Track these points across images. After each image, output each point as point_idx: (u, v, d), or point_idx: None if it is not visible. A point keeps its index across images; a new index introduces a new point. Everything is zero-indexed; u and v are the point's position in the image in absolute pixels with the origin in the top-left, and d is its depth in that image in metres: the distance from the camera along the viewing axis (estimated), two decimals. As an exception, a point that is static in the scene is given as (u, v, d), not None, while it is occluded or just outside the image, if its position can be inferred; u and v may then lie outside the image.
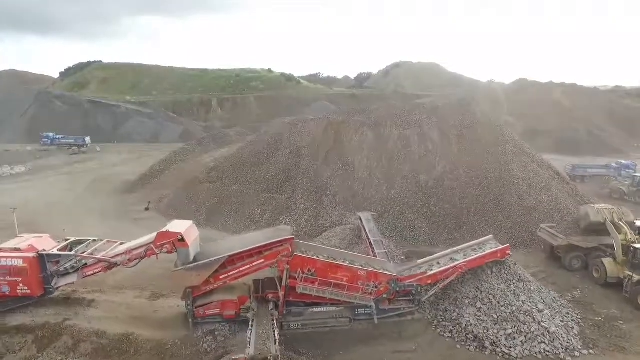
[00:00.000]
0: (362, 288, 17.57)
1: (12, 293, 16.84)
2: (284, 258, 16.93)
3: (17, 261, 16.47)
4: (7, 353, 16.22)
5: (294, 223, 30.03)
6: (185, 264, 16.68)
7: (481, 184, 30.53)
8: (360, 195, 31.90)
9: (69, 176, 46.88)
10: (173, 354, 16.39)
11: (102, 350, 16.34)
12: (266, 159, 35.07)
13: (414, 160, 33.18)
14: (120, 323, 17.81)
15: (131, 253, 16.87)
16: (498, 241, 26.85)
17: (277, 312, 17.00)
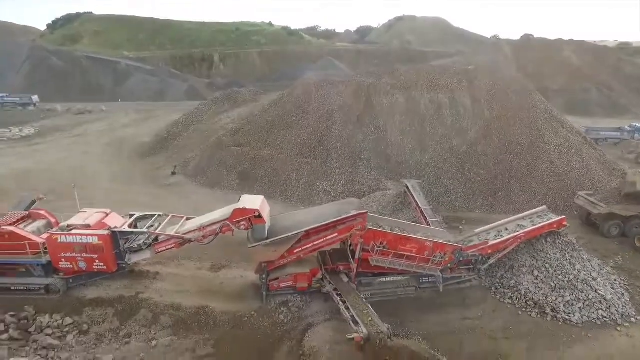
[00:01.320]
0: (430, 259, 18.10)
1: (88, 269, 16.93)
2: (358, 232, 17.16)
3: (92, 238, 16.39)
4: (92, 324, 16.59)
5: (330, 188, 30.18)
6: (260, 239, 16.79)
7: (514, 150, 30.73)
8: (394, 160, 31.94)
9: (81, 138, 45.54)
10: (251, 325, 16.95)
11: (181, 322, 16.80)
12: (296, 123, 34.41)
13: (446, 124, 33.03)
14: (192, 296, 18.20)
15: (205, 229, 16.87)
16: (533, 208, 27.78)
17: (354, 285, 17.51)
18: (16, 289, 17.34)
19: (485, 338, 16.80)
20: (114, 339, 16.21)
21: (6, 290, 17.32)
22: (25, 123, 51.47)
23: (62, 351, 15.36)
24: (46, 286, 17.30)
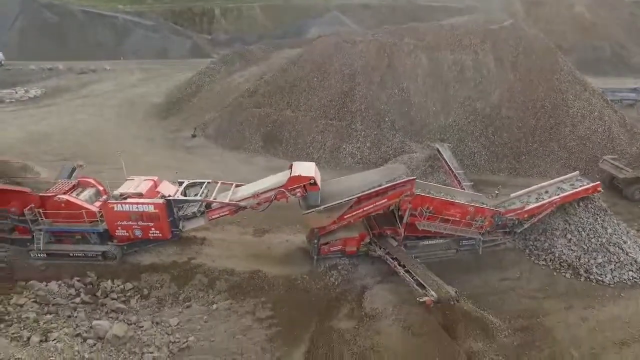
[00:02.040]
0: (471, 223, 18.78)
1: (144, 236, 17.33)
2: (407, 197, 17.64)
3: (148, 207, 16.65)
4: (151, 289, 17.25)
5: (356, 151, 30.40)
6: (313, 206, 17.20)
7: (537, 113, 30.86)
8: (418, 122, 32.03)
9: (90, 99, 44.30)
10: (304, 288, 17.79)
11: (237, 287, 17.54)
12: (318, 84, 33.85)
13: (469, 86, 32.82)
14: (243, 261, 18.85)
15: (260, 196, 17.16)
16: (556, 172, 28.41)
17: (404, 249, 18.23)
18: (74, 255, 17.79)
19: (525, 297, 17.88)
20: (175, 302, 16.95)
21: (65, 257, 17.76)
22: (27, 83, 49.74)
23: (129, 314, 16.09)
24: (103, 253, 17.77)
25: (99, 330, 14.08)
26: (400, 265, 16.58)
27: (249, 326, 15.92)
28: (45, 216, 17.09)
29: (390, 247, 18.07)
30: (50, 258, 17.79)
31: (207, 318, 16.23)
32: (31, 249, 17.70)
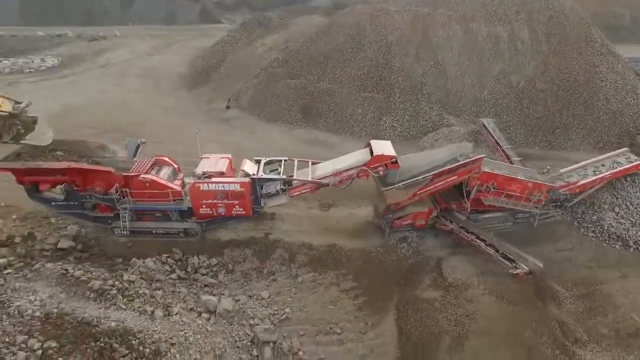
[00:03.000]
0: (529, 197, 19.82)
1: (227, 214, 17.94)
2: (476, 174, 18.49)
3: (234, 186, 17.17)
4: (235, 264, 18.11)
5: (396, 123, 30.87)
6: (391, 183, 17.97)
7: (571, 86, 31.40)
8: (454, 95, 32.42)
9: (110, 69, 43.18)
10: (379, 260, 18.85)
11: (316, 260, 18.49)
12: (352, 55, 33.68)
13: (503, 59, 33.04)
14: (317, 235, 19.73)
15: (342, 174, 17.79)
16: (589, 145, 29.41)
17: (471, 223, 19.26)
18: (157, 233, 18.42)
19: (581, 267, 19.27)
20: (259, 276, 17.89)
21: (148, 234, 18.39)
22: (37, 51, 48.09)
23: (220, 288, 16.99)
24: (185, 230, 18.42)
25: (209, 304, 14.96)
26: (480, 239, 17.62)
27: (337, 297, 17.00)
28: (130, 195, 17.52)
29: (462, 222, 19.06)
30: (133, 235, 18.40)
31: (295, 290, 17.24)
32: (115, 227, 18.27)
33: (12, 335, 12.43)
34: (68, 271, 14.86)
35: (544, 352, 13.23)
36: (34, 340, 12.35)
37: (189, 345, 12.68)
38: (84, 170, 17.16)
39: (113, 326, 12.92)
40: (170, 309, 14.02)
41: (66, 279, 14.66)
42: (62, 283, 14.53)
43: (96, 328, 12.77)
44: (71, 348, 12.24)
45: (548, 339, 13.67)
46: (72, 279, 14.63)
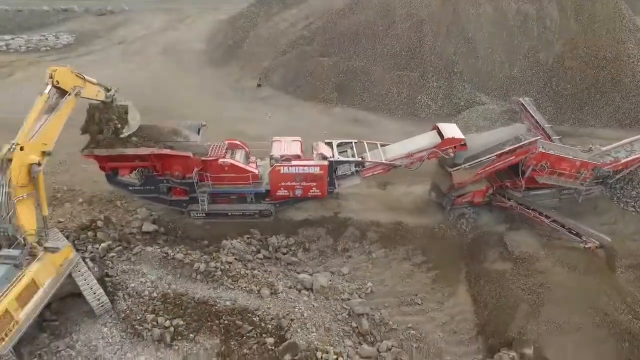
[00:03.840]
0: (576, 175, 21.03)
1: (303, 195, 18.73)
2: (532, 154, 19.54)
3: (314, 169, 17.90)
4: (310, 242, 19.09)
5: (431, 101, 31.52)
6: (458, 164, 18.92)
7: (599, 63, 32.22)
8: (484, 73, 33.03)
9: (129, 46, 42.23)
10: (442, 235, 20.06)
11: (385, 237, 19.60)
12: (383, 32, 33.78)
13: (532, 37, 33.54)
14: (381, 212, 20.77)
15: (413, 156, 18.63)
16: (617, 122, 30.57)
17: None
18: (232, 214, 19.16)
19: (627, 240, 20.69)
20: (335, 254, 18.93)
21: (223, 216, 19.13)
22: (45, 27, 46.72)
23: (301, 266, 18.00)
24: (260, 211, 19.20)
25: (305, 282, 15.99)
26: (545, 216, 18.86)
27: (411, 271, 18.22)
28: (209, 179, 18.10)
29: (520, 199, 20.23)
30: (208, 217, 19.13)
31: (370, 266, 18.37)
32: (191, 210, 18.94)
33: (141, 314, 13.32)
34: (168, 254, 15.62)
35: (617, 317, 14.66)
36: (162, 318, 13.26)
37: (305, 321, 13.75)
38: (163, 156, 17.60)
39: (229, 305, 13.89)
40: (275, 287, 14.98)
41: (168, 262, 15.45)
42: (165, 265, 15.35)
43: (214, 307, 13.72)
44: (197, 326, 13.20)
45: (621, 305, 15.12)
46: (174, 261, 15.43)
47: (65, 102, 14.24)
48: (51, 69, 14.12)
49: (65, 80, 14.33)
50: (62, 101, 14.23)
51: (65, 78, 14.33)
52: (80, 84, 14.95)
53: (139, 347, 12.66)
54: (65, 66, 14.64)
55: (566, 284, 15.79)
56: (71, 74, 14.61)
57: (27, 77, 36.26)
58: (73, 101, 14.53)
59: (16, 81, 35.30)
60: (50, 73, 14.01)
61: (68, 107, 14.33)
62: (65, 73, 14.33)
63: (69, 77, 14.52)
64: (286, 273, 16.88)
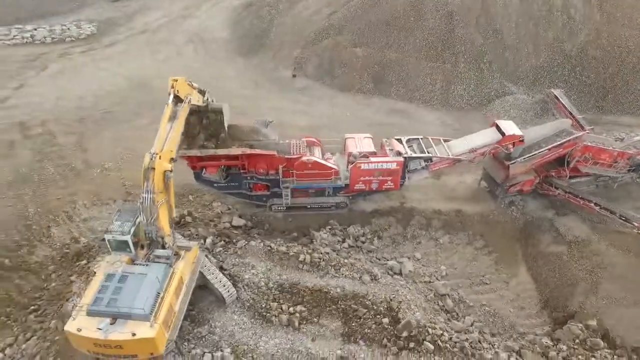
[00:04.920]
0: (613, 164, 23.11)
1: (378, 189, 20.39)
2: (578, 147, 21.50)
3: (391, 165, 19.52)
4: (382, 231, 20.90)
5: (464, 91, 33.08)
6: (514, 157, 20.75)
7: (621, 53, 34.00)
8: (512, 63, 34.61)
9: (153, 35, 42.00)
10: (496, 221, 22.12)
11: (448, 224, 21.60)
12: (415, 24, 34.84)
13: (557, 27, 35.05)
14: (441, 201, 22.72)
15: (476, 152, 20.37)
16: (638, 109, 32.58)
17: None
18: (311, 207, 20.75)
19: (660, 221, 23.01)
20: (405, 240, 20.81)
21: (302, 209, 20.70)
22: (60, 14, 46.04)
23: (378, 253, 19.82)
24: (337, 203, 20.81)
25: (394, 268, 17.89)
26: (595, 204, 20.96)
27: (475, 254, 20.29)
28: (294, 175, 19.55)
29: (567, 187, 22.27)
30: (288, 210, 20.69)
31: (439, 251, 20.35)
32: (273, 204, 20.44)
33: (264, 302, 15.04)
34: (272, 247, 17.23)
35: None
36: (285, 305, 15.02)
37: (409, 302, 15.69)
38: (250, 155, 18.93)
39: (340, 292, 15.68)
40: (373, 274, 16.81)
41: (273, 254, 17.09)
42: (271, 258, 17.02)
43: (329, 294, 15.51)
44: (318, 311, 15.00)
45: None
46: (279, 253, 17.08)
47: (182, 110, 15.41)
48: (172, 79, 15.21)
49: (181, 89, 15.49)
50: (179, 109, 15.35)
51: (182, 87, 15.49)
52: (190, 92, 16.07)
53: (270, 331, 14.43)
54: (180, 77, 15.69)
55: (621, 264, 18.03)
56: (185, 83, 15.71)
57: (61, 70, 36.50)
58: (187, 108, 15.69)
59: (52, 75, 35.49)
60: (172, 83, 15.10)
61: (184, 114, 15.51)
62: (182, 83, 15.47)
63: (184, 86, 15.69)
64: (371, 260, 18.68)
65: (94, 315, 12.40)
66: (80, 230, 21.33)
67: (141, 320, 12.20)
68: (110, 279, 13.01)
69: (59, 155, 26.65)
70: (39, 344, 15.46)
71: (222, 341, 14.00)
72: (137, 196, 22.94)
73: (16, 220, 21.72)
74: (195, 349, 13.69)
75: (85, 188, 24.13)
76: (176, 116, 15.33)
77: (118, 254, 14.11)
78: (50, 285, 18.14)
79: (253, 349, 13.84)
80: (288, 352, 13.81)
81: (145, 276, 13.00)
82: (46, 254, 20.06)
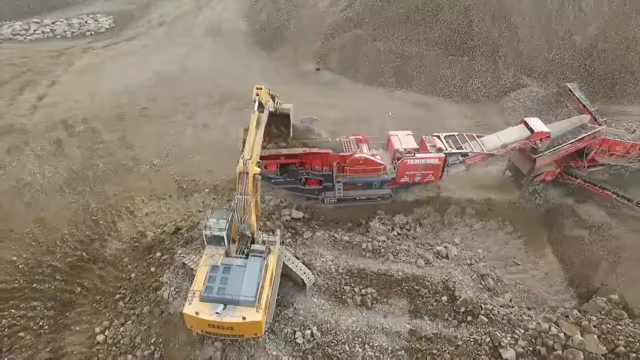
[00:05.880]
0: (626, 155, 25.48)
1: (420, 181, 22.52)
2: (597, 140, 23.80)
3: (434, 160, 21.59)
4: (423, 219, 23.12)
5: (481, 84, 35.03)
6: (541, 151, 22.96)
7: (628, 45, 36.02)
8: (526, 56, 36.53)
9: (170, 28, 43.05)
10: (522, 208, 24.51)
11: (480, 211, 23.89)
12: (432, 18, 36.40)
13: (568, 20, 36.90)
14: (472, 191, 24.87)
15: (507, 147, 22.52)
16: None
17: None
18: (360, 199, 22.79)
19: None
20: (443, 227, 23.08)
21: (351, 200, 22.72)
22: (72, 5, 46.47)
23: (421, 239, 22.06)
24: (383, 195, 22.89)
25: (441, 252, 20.15)
26: (613, 193, 23.39)
27: (506, 239, 22.68)
28: (348, 171, 21.49)
29: (585, 177, 24.63)
30: (339, 202, 22.71)
31: (474, 237, 22.67)
32: (325, 197, 22.42)
33: (338, 286, 17.24)
34: (336, 237, 19.33)
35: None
36: (357, 288, 17.23)
37: (461, 282, 18.02)
38: (308, 153, 20.76)
39: (400, 275, 17.93)
40: (426, 258, 19.07)
41: (337, 243, 19.21)
42: (336, 247, 19.13)
43: (392, 277, 17.75)
44: (386, 292, 17.26)
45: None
46: (343, 242, 19.19)
47: (264, 116, 17.09)
48: (256, 87, 16.91)
49: (263, 97, 17.14)
50: (261, 115, 17.02)
51: (264, 95, 17.13)
52: (269, 99, 17.77)
53: (347, 311, 16.65)
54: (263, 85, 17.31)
55: (638, 247, 20.56)
56: (266, 90, 17.38)
57: (88, 66, 37.45)
58: (267, 115, 17.37)
59: (80, 72, 36.45)
60: (257, 92, 16.76)
61: (265, 120, 17.19)
62: (264, 91, 17.13)
63: (265, 94, 17.34)
64: (417, 246, 20.91)
65: (206, 302, 14.42)
66: (144, 224, 23.12)
67: (248, 306, 14.26)
68: (215, 270, 14.99)
69: (107, 152, 28.10)
70: (136, 327, 17.43)
71: (307, 321, 16.16)
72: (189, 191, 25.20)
73: (83, 216, 23.39)
74: (285, 328, 15.85)
75: (139, 184, 25.78)
76: (260, 122, 16.89)
77: (212, 247, 15.98)
78: (130, 276, 20.02)
79: (335, 326, 16.06)
80: (365, 328, 16.07)
81: (245, 268, 15.01)
82: (117, 247, 21.88)
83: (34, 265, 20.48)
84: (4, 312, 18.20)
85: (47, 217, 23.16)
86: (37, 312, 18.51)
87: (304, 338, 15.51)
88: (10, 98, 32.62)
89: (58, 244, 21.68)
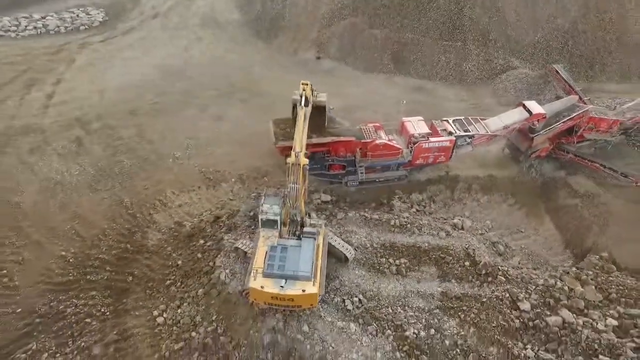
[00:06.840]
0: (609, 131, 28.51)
1: (433, 162, 24.88)
2: (585, 119, 26.67)
3: (445, 143, 23.92)
4: (435, 196, 25.59)
5: (474, 68, 37.36)
6: (539, 131, 25.61)
7: (606, 26, 38.84)
8: (513, 40, 38.98)
9: (165, 20, 42.77)
10: (521, 182, 27.37)
11: (485, 187, 26.58)
12: (427, 4, 38.19)
13: (552, 4, 39.33)
14: (476, 168, 27.51)
15: (508, 128, 25.05)
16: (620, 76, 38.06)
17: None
18: (379, 181, 24.98)
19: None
20: (453, 202, 25.62)
21: (372, 183, 24.89)
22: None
23: (435, 214, 24.54)
24: (400, 177, 25.14)
25: (457, 224, 22.70)
26: (601, 165, 26.38)
27: (509, 210, 25.50)
28: (370, 156, 23.56)
29: (575, 152, 27.55)
30: (360, 185, 24.85)
31: (481, 209, 25.33)
32: (348, 180, 24.50)
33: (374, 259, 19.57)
34: (367, 216, 21.54)
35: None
36: (391, 259, 19.62)
37: (479, 249, 20.64)
38: (335, 141, 22.67)
39: (426, 246, 20.39)
40: (446, 230, 21.57)
41: (368, 221, 21.45)
42: (367, 224, 21.37)
43: (421, 248, 20.18)
44: (417, 261, 19.71)
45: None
46: (373, 220, 21.43)
47: (308, 111, 18.87)
48: (303, 83, 18.75)
49: (308, 92, 18.90)
50: (307, 110, 18.84)
51: (308, 91, 18.90)
52: (310, 93, 19.55)
53: (385, 280, 19.02)
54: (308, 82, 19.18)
55: (625, 210, 23.68)
56: (309, 86, 19.13)
57: (89, 62, 37.62)
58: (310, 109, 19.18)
59: (83, 68, 36.62)
60: (303, 87, 18.52)
61: (309, 114, 18.97)
62: (308, 87, 18.88)
63: (309, 90, 19.09)
64: (435, 220, 23.38)
65: (268, 277, 16.44)
66: (179, 215, 24.62)
67: (306, 281, 16.36)
68: (274, 250, 17.01)
69: (128, 148, 29.07)
70: (194, 307, 19.26)
71: (352, 290, 18.42)
72: (216, 181, 26.68)
73: (119, 210, 24.66)
74: (335, 298, 18.09)
75: (166, 177, 27.06)
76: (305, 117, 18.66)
77: (267, 229, 17.88)
78: (177, 263, 21.68)
79: (377, 293, 18.41)
80: (403, 293, 18.50)
81: (300, 248, 17.06)
82: (158, 237, 23.39)
83: (83, 259, 21.85)
84: (67, 302, 19.69)
85: (83, 213, 24.33)
86: (96, 300, 20.05)
87: (352, 305, 17.81)
88: (19, 98, 32.76)
89: (101, 238, 23.00)
